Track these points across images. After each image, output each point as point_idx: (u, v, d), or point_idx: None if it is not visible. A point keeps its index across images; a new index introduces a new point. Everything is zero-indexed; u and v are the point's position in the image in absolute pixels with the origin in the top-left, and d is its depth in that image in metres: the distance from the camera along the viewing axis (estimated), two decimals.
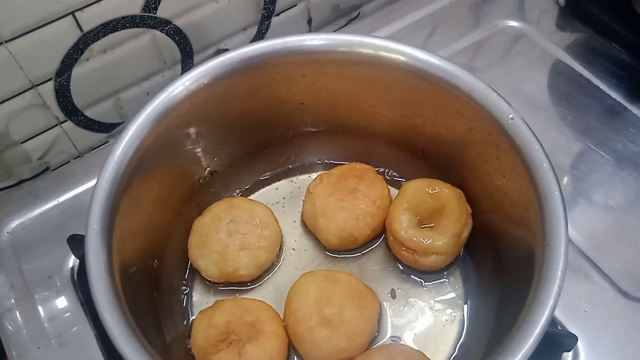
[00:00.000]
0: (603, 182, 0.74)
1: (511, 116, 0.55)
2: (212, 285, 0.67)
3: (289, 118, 0.70)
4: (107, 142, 0.82)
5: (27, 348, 0.63)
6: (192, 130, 0.63)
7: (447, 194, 0.65)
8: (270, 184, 0.75)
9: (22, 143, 0.74)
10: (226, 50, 0.62)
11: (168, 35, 0.75)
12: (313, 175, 0.75)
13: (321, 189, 0.69)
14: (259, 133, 0.70)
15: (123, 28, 0.70)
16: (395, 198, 0.68)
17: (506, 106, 0.56)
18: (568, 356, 0.62)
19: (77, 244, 0.64)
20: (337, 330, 0.59)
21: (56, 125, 0.75)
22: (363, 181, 0.68)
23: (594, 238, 0.70)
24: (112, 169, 0.53)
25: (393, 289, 0.67)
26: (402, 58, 0.60)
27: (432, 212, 0.65)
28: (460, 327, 0.64)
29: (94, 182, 0.53)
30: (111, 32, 0.70)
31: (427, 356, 0.60)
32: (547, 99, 0.82)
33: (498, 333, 0.52)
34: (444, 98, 0.60)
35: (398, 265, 0.68)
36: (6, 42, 0.63)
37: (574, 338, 0.60)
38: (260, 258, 0.66)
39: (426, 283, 0.67)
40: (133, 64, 0.75)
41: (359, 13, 0.96)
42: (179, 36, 0.76)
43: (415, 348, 0.61)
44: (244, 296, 0.66)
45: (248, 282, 0.67)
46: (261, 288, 0.68)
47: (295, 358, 0.63)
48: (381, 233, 0.69)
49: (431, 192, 0.66)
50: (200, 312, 0.61)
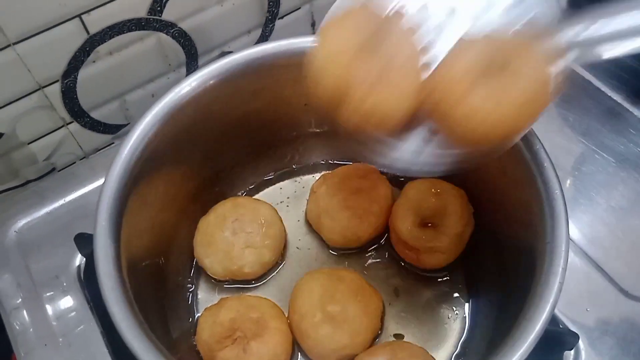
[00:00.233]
0: (604, 183, 0.75)
1: None
2: (217, 283, 0.68)
3: (293, 119, 0.71)
4: (113, 144, 0.82)
5: (34, 346, 0.63)
6: (198, 130, 0.63)
7: (449, 194, 0.66)
8: (274, 184, 0.76)
9: (29, 144, 0.74)
10: (230, 52, 0.62)
11: (173, 37, 0.76)
12: (317, 175, 0.76)
13: (325, 189, 0.69)
14: (264, 133, 0.71)
15: (129, 30, 0.71)
16: (398, 198, 0.69)
17: None
18: (570, 355, 0.63)
19: (84, 243, 0.64)
20: (341, 327, 0.59)
21: (62, 126, 0.75)
22: (366, 181, 0.69)
23: (596, 238, 0.71)
24: (120, 168, 0.53)
25: (396, 287, 0.67)
26: None
27: (435, 212, 0.66)
28: (462, 325, 0.64)
29: (100, 183, 0.53)
30: (117, 35, 0.70)
31: (430, 353, 0.60)
32: None
33: (500, 330, 0.52)
34: None
35: (401, 263, 0.69)
36: (14, 45, 0.64)
37: (576, 336, 0.60)
38: (264, 256, 0.66)
39: (429, 281, 0.67)
40: (138, 66, 0.76)
41: None
42: (184, 39, 0.77)
43: (418, 345, 0.62)
44: (249, 294, 0.66)
45: (253, 280, 0.68)
46: (265, 286, 0.68)
47: (299, 355, 0.63)
48: (384, 232, 0.70)
49: (433, 192, 0.66)
50: (205, 310, 0.62)
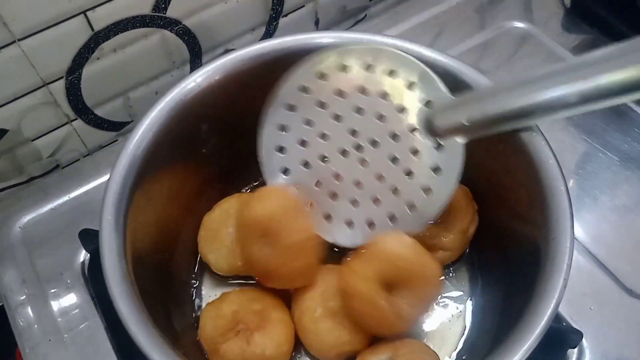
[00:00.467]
0: (609, 182, 0.75)
1: None
2: (222, 279, 0.67)
3: None
4: (117, 141, 0.82)
5: (39, 342, 0.63)
6: (203, 126, 0.63)
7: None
8: None
9: (33, 140, 0.74)
10: (233, 50, 0.62)
11: (177, 35, 0.76)
12: None
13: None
14: None
15: (133, 28, 0.71)
16: None
17: None
18: (573, 353, 0.62)
19: (89, 239, 0.65)
20: (342, 323, 0.59)
21: (66, 123, 0.76)
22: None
23: (600, 237, 0.70)
24: (126, 163, 0.53)
25: None
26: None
27: None
28: (464, 322, 0.64)
29: (104, 179, 0.53)
30: (122, 32, 0.70)
31: (433, 350, 0.60)
32: None
33: (503, 327, 0.52)
34: None
35: None
36: (18, 41, 0.64)
37: (579, 334, 0.60)
38: None
39: None
40: (142, 64, 0.76)
41: (366, 15, 0.97)
42: (188, 36, 0.77)
43: (421, 342, 0.61)
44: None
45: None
46: None
47: (301, 346, 0.63)
48: None
49: None
50: (208, 304, 0.62)
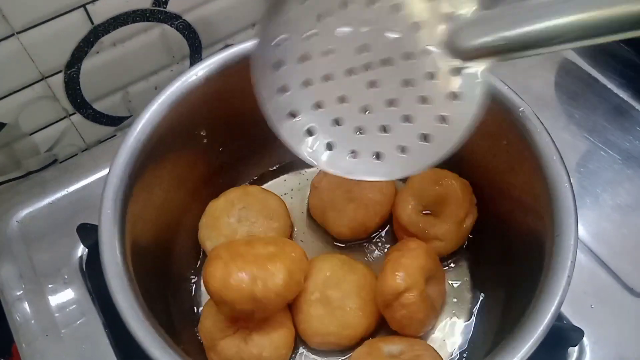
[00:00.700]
0: (610, 180, 0.75)
1: (522, 109, 0.56)
2: None
3: None
4: (115, 135, 0.82)
5: (36, 337, 0.63)
6: (203, 120, 0.63)
7: (452, 183, 0.65)
8: (278, 176, 0.75)
9: (31, 135, 0.74)
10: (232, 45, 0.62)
11: (177, 30, 0.75)
12: None
13: (326, 183, 0.69)
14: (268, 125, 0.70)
15: (133, 22, 0.70)
16: (402, 186, 0.68)
17: (516, 99, 0.56)
18: (574, 351, 0.62)
19: (87, 233, 0.64)
20: (333, 313, 0.59)
21: (65, 117, 0.75)
22: None
23: (601, 235, 0.70)
24: (126, 156, 0.53)
25: None
26: None
27: (437, 200, 0.65)
28: (467, 319, 0.64)
29: (102, 174, 0.53)
30: (121, 26, 0.70)
31: (434, 348, 0.59)
32: (555, 98, 0.82)
33: (506, 324, 0.52)
34: None
35: None
36: (18, 34, 0.63)
37: (580, 332, 0.60)
38: None
39: None
40: (142, 58, 0.75)
41: None
42: (188, 31, 0.77)
43: (429, 344, 0.61)
44: None
45: None
46: None
47: (301, 349, 0.63)
48: (388, 221, 0.69)
49: (437, 181, 0.66)
50: (210, 299, 0.61)
